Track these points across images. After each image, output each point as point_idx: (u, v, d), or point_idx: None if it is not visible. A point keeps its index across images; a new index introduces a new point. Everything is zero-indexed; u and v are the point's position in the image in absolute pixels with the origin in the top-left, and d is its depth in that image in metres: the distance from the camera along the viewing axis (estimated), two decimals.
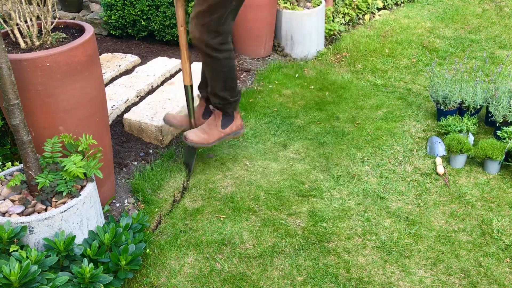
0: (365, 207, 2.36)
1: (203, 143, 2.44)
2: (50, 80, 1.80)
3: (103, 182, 2.20)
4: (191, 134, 2.45)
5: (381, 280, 1.95)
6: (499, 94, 2.84)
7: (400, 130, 2.99)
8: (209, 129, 2.46)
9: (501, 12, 4.83)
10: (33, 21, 1.94)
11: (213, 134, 2.45)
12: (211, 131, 2.46)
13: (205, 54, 2.26)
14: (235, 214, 2.32)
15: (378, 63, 3.93)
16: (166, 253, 2.08)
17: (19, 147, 1.73)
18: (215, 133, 2.46)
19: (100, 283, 1.69)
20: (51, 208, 1.77)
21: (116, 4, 3.99)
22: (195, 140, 2.44)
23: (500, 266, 2.01)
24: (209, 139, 2.45)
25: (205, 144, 2.45)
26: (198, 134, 2.45)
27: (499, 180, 2.52)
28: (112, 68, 3.49)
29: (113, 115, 2.93)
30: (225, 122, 2.46)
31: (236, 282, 1.95)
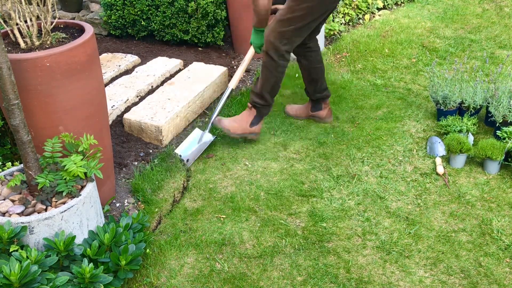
0: (365, 207, 2.36)
1: (229, 130, 2.74)
2: (50, 80, 1.80)
3: (103, 182, 2.20)
4: (226, 121, 2.76)
5: (381, 280, 1.95)
6: (499, 94, 2.84)
7: (400, 130, 2.99)
8: (239, 121, 2.76)
9: (501, 12, 4.83)
10: (33, 21, 1.94)
11: (242, 126, 2.76)
12: (240, 123, 2.76)
13: (270, 56, 2.60)
14: (235, 214, 2.32)
15: (378, 63, 3.93)
16: (166, 253, 2.08)
17: (19, 147, 1.73)
18: (243, 126, 2.76)
19: (100, 283, 1.69)
20: (51, 208, 1.77)
21: (116, 4, 3.99)
22: (227, 125, 2.74)
23: (500, 266, 2.01)
24: (236, 130, 2.75)
25: (232, 133, 2.75)
26: (230, 122, 2.76)
27: (499, 180, 2.52)
28: (112, 68, 3.49)
29: (113, 115, 2.93)
30: (254, 121, 2.78)
31: (236, 282, 1.95)
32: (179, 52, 3.97)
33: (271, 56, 2.59)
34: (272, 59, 2.60)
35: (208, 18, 3.78)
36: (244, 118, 2.78)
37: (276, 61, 2.60)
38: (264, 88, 2.69)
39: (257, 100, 2.73)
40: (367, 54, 4.06)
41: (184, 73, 3.43)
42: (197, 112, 3.17)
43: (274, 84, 2.68)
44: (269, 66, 2.63)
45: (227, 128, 2.75)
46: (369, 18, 4.76)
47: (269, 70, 2.64)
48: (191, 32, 3.90)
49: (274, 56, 2.59)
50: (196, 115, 3.17)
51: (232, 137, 2.80)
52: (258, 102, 2.73)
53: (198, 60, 3.79)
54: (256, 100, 2.73)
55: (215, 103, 3.33)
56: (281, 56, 2.60)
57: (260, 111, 2.77)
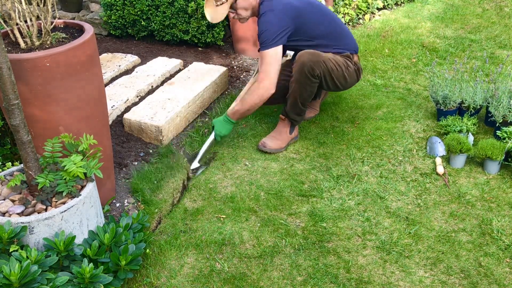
0: (365, 207, 2.36)
1: (278, 149, 2.79)
2: (50, 80, 1.80)
3: (103, 182, 2.20)
4: (270, 142, 2.79)
5: (381, 280, 1.95)
6: (499, 94, 2.84)
7: (400, 130, 2.99)
8: (280, 136, 2.82)
9: (501, 12, 4.83)
10: (33, 21, 1.94)
11: (284, 139, 2.82)
12: (281, 136, 2.82)
13: (305, 74, 2.61)
14: (235, 214, 2.32)
15: (378, 63, 3.93)
16: (166, 253, 2.08)
17: (19, 147, 1.73)
18: (285, 138, 2.82)
19: (100, 283, 1.69)
20: (51, 208, 1.77)
21: (116, 4, 3.99)
22: (273, 147, 2.79)
23: (500, 266, 2.01)
24: (282, 144, 2.81)
25: (280, 150, 2.80)
26: (274, 141, 2.80)
27: (499, 180, 2.52)
28: (112, 68, 3.49)
29: (113, 115, 2.93)
30: (291, 129, 2.84)
31: (236, 282, 1.95)
32: (179, 52, 3.97)
33: (308, 77, 2.61)
34: (309, 79, 2.62)
35: None
36: (283, 130, 2.83)
37: (313, 81, 2.64)
38: (295, 107, 2.74)
39: (294, 111, 2.77)
40: (367, 54, 4.06)
41: (184, 73, 3.43)
42: (197, 112, 3.17)
43: (305, 100, 2.72)
44: (304, 82, 2.64)
45: (275, 149, 2.78)
46: (369, 18, 4.76)
47: (303, 87, 2.66)
48: (191, 32, 3.90)
49: (312, 76, 2.61)
50: (196, 115, 3.17)
51: None
52: (294, 113, 2.78)
53: (198, 60, 3.79)
54: (292, 112, 2.77)
55: (215, 103, 3.33)
56: (317, 77, 2.64)
57: (295, 120, 2.82)
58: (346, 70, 2.72)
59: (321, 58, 2.61)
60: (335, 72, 2.67)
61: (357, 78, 2.83)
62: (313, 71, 2.59)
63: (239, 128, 3.05)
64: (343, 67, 2.70)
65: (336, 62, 2.68)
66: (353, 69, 2.77)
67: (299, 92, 2.67)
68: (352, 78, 2.78)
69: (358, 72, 2.82)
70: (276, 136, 2.82)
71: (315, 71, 2.59)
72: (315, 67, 2.59)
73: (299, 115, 2.79)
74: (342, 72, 2.70)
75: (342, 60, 2.72)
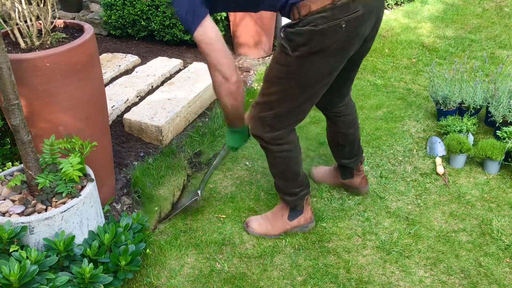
0: (365, 207, 2.36)
1: (265, 234, 2.18)
2: (50, 80, 1.80)
3: (103, 182, 2.20)
4: (254, 223, 2.20)
5: (381, 280, 1.95)
6: (499, 94, 2.84)
7: (400, 130, 2.99)
8: (273, 219, 2.18)
9: (501, 12, 4.83)
10: (33, 21, 1.94)
11: (278, 225, 2.17)
12: (275, 221, 2.18)
13: (260, 144, 2.02)
14: (235, 214, 2.32)
15: (378, 63, 3.93)
16: (166, 253, 2.08)
17: (19, 147, 1.73)
18: (280, 225, 2.17)
19: (100, 283, 1.69)
20: (51, 208, 1.77)
21: (116, 4, 3.99)
22: (257, 230, 2.18)
23: (500, 266, 2.01)
24: (273, 231, 2.17)
25: (267, 235, 2.18)
26: (262, 223, 2.19)
27: (499, 180, 2.52)
28: (112, 68, 3.49)
29: (113, 115, 2.93)
30: (293, 214, 2.16)
31: (236, 282, 1.95)
32: (179, 52, 3.97)
33: (260, 144, 2.01)
34: (263, 146, 2.01)
35: None
36: (278, 214, 2.18)
37: (268, 148, 1.98)
38: (277, 180, 2.11)
39: (281, 195, 2.16)
40: (367, 54, 4.06)
41: (184, 73, 3.43)
42: (197, 112, 3.17)
43: (282, 172, 2.05)
44: (265, 152, 2.04)
45: (260, 233, 2.18)
46: None
47: (268, 159, 2.06)
48: None
49: (262, 143, 1.99)
50: (196, 115, 3.17)
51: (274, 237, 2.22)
52: (280, 194, 2.17)
53: (198, 60, 3.79)
54: (280, 195, 2.17)
55: (215, 103, 3.33)
56: (269, 143, 1.96)
57: (289, 203, 2.16)
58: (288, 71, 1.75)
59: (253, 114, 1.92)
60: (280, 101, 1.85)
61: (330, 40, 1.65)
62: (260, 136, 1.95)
63: None
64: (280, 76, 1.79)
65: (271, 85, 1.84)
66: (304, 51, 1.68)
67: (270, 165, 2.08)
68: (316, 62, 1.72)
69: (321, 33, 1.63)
70: (268, 218, 2.20)
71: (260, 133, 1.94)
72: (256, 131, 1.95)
73: (290, 194, 2.12)
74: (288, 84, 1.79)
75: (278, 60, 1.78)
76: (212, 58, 1.71)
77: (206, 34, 1.69)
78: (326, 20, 1.58)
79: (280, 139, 1.94)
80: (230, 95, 1.79)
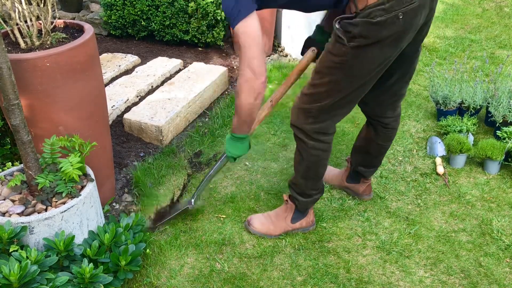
0: (365, 207, 2.36)
1: (266, 234, 2.19)
2: (50, 80, 1.80)
3: (103, 182, 2.20)
4: (256, 221, 2.21)
5: (381, 280, 1.95)
6: (499, 94, 2.84)
7: (399, 130, 2.99)
8: (276, 220, 2.20)
9: (501, 12, 4.83)
10: (33, 21, 1.94)
11: (280, 226, 2.19)
12: (278, 222, 2.20)
13: (295, 135, 2.00)
14: (235, 214, 2.32)
15: None
16: (166, 253, 2.08)
17: (19, 147, 1.73)
18: (282, 226, 2.19)
19: (100, 283, 1.69)
20: (51, 208, 1.77)
21: (116, 4, 3.99)
22: (258, 229, 2.20)
23: (500, 266, 2.01)
24: (274, 231, 2.19)
25: (268, 235, 2.20)
26: (264, 223, 2.21)
27: (499, 180, 2.52)
28: (112, 68, 3.49)
29: (113, 115, 2.93)
30: (296, 216, 2.19)
31: (236, 282, 1.95)
32: (179, 52, 3.97)
33: (297, 135, 1.99)
34: (299, 139, 1.99)
35: (208, 18, 3.78)
36: (281, 215, 2.20)
37: (305, 141, 1.97)
38: (297, 174, 2.09)
39: (292, 191, 2.16)
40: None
41: (184, 73, 3.43)
42: (197, 112, 3.17)
43: (307, 169, 2.03)
44: (299, 146, 2.02)
45: (262, 232, 2.19)
46: None
47: (299, 152, 2.03)
48: (191, 32, 3.90)
49: (300, 134, 1.97)
50: (196, 115, 3.17)
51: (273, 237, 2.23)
52: (293, 192, 2.15)
53: (198, 60, 3.79)
54: (291, 190, 2.16)
55: (215, 103, 3.33)
56: (309, 136, 1.95)
57: (299, 205, 2.16)
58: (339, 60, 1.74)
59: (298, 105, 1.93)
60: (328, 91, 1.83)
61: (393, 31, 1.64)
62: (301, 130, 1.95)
63: None
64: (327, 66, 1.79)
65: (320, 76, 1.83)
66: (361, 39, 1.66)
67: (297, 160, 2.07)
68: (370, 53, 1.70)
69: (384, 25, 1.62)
70: (271, 218, 2.21)
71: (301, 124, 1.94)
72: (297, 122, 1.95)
73: (305, 195, 2.12)
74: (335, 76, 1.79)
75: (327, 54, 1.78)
76: (248, 52, 1.69)
77: (249, 27, 1.67)
78: (384, 12, 1.59)
79: (321, 134, 1.94)
80: (253, 93, 1.75)
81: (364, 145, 2.27)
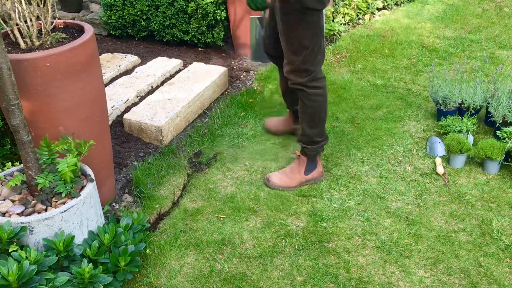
0: (365, 207, 2.36)
1: (285, 187, 2.48)
2: (50, 80, 1.80)
3: (103, 182, 2.20)
4: (274, 178, 2.50)
5: (381, 280, 1.95)
6: (499, 94, 2.84)
7: (399, 130, 2.99)
8: (291, 174, 2.49)
9: (501, 12, 4.83)
10: (33, 21, 1.94)
11: (296, 178, 2.48)
12: (293, 175, 2.48)
13: (297, 89, 2.33)
14: (235, 214, 2.32)
15: (378, 63, 3.93)
16: (166, 253, 2.08)
17: (19, 147, 1.73)
18: (298, 178, 2.48)
19: (99, 283, 1.69)
20: (51, 208, 1.77)
21: (116, 4, 3.99)
22: (277, 183, 2.48)
23: (500, 266, 2.01)
24: (291, 184, 2.48)
25: (287, 188, 2.47)
26: (281, 178, 2.49)
27: (499, 180, 2.52)
28: (112, 68, 3.49)
29: (113, 115, 2.93)
30: (309, 168, 2.48)
31: (236, 282, 1.95)
32: (179, 52, 3.97)
33: (300, 90, 2.33)
34: (302, 91, 2.33)
35: (208, 19, 3.78)
36: (295, 169, 2.49)
37: (306, 91, 2.32)
38: (304, 124, 2.41)
39: (301, 144, 2.45)
40: (367, 54, 4.06)
41: (184, 73, 3.43)
42: (197, 112, 3.17)
43: (312, 116, 2.37)
44: (302, 98, 2.35)
45: (281, 186, 2.48)
46: (369, 18, 4.77)
47: (303, 102, 2.36)
48: (191, 33, 3.90)
49: (303, 87, 2.32)
50: (196, 115, 3.17)
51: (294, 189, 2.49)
52: (305, 143, 2.44)
53: (198, 60, 3.79)
54: (302, 142, 2.45)
55: (215, 103, 3.33)
56: (308, 87, 2.31)
57: (310, 153, 2.45)
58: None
59: None
60: None
61: None
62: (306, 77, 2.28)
63: (239, 128, 3.05)
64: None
65: None
66: None
67: (303, 111, 2.39)
68: None
69: None
70: (286, 173, 2.51)
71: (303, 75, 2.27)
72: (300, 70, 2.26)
73: (313, 142, 2.42)
74: None
75: None
76: None
77: None
78: None
79: (315, 80, 2.30)
80: None
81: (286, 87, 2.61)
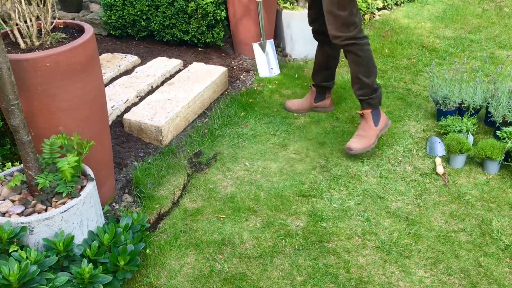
0: (365, 207, 2.36)
1: (367, 147, 2.60)
2: (50, 80, 1.80)
3: (103, 182, 2.20)
4: (354, 144, 2.60)
5: (381, 280, 1.95)
6: (499, 94, 2.84)
7: (399, 130, 3.00)
8: (365, 132, 2.62)
9: (501, 12, 4.83)
10: (32, 21, 1.94)
11: (371, 134, 2.62)
12: (368, 133, 2.62)
13: (345, 45, 2.50)
14: (235, 214, 2.32)
15: (378, 63, 3.93)
16: (166, 253, 2.08)
17: (19, 147, 1.73)
18: (372, 133, 2.62)
19: (99, 283, 1.69)
20: (51, 209, 1.77)
21: (116, 4, 3.99)
22: (360, 147, 2.59)
23: (500, 266, 2.01)
24: (371, 140, 2.61)
25: (369, 147, 2.61)
26: (360, 140, 2.61)
27: (499, 180, 2.52)
28: (112, 68, 3.49)
29: (113, 116, 2.93)
30: (375, 119, 2.64)
31: (236, 282, 1.95)
32: (179, 52, 3.97)
33: (352, 44, 2.51)
34: (354, 44, 2.51)
35: (208, 19, 3.78)
36: (366, 127, 2.65)
37: (358, 43, 2.52)
38: (360, 74, 2.58)
39: (363, 92, 2.61)
40: None
41: (184, 73, 3.43)
42: (197, 112, 3.17)
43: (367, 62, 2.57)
44: (355, 51, 2.53)
45: (363, 149, 2.61)
46: (369, 18, 4.76)
47: (357, 55, 2.54)
48: (191, 32, 3.90)
49: (354, 41, 2.50)
50: (196, 115, 3.17)
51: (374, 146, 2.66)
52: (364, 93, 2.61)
53: (198, 60, 3.79)
54: (362, 94, 2.62)
55: (215, 104, 3.33)
56: (358, 38, 2.51)
57: (372, 102, 2.64)
58: None
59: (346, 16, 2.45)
60: None
61: None
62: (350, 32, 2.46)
63: (239, 128, 3.05)
64: None
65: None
66: None
67: (358, 63, 2.57)
68: None
69: None
70: (361, 134, 2.65)
71: (351, 29, 2.46)
72: (347, 27, 2.45)
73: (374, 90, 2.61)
74: None
75: None
76: None
77: None
78: None
79: (362, 32, 2.53)
80: None
81: (324, 62, 2.97)
